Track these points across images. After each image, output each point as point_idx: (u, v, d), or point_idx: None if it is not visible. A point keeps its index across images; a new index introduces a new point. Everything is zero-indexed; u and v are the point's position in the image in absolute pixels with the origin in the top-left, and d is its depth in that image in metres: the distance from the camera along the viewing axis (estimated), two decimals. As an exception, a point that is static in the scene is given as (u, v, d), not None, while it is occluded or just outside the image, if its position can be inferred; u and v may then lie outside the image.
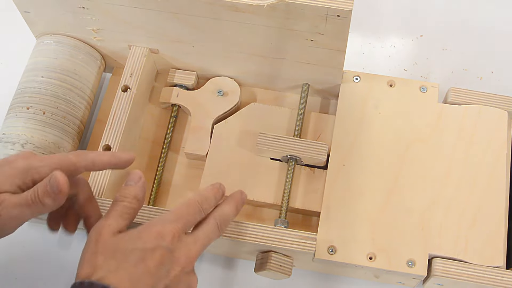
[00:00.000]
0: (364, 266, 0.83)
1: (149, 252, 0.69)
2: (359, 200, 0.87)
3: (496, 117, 0.91)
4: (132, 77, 0.91)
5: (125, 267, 0.67)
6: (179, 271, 0.70)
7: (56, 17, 0.91)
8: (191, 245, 0.72)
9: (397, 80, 0.94)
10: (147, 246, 0.69)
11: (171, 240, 0.70)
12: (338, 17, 0.79)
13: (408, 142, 0.90)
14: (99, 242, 0.70)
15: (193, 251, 0.72)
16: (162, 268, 0.69)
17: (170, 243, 0.70)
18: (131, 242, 0.70)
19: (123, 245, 0.69)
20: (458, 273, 0.82)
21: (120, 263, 0.68)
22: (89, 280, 0.66)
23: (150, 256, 0.68)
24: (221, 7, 0.82)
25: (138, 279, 0.67)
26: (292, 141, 0.89)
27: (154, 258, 0.68)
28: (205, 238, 0.74)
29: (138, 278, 0.67)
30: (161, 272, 0.69)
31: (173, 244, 0.70)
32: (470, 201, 0.86)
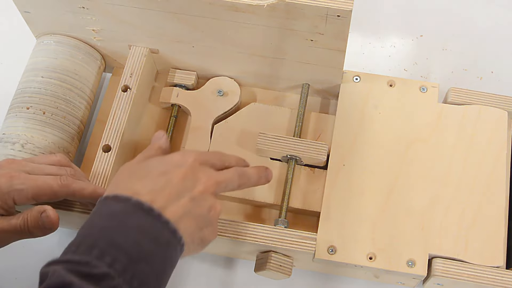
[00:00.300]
0: (364, 266, 0.83)
1: (172, 168, 0.72)
2: (359, 200, 0.87)
3: (496, 117, 0.91)
4: (132, 77, 0.91)
5: (148, 179, 0.71)
6: (202, 189, 0.72)
7: (56, 17, 0.91)
8: (212, 173, 0.74)
9: (397, 80, 0.94)
10: (171, 164, 0.73)
11: (193, 162, 0.73)
12: (338, 17, 0.79)
13: (408, 142, 0.90)
14: (123, 169, 0.74)
15: (215, 177, 0.74)
16: (186, 182, 0.71)
17: (193, 164, 0.73)
18: (154, 163, 0.73)
19: (146, 167, 0.73)
20: (458, 273, 0.82)
21: (143, 177, 0.71)
22: (112, 193, 0.69)
23: (173, 171, 0.72)
24: (221, 7, 0.82)
25: (161, 189, 0.69)
26: (292, 141, 0.89)
27: (177, 173, 0.71)
28: (225, 178, 0.75)
29: (161, 188, 0.70)
30: (185, 185, 0.71)
31: (195, 166, 0.73)
32: (470, 201, 0.86)
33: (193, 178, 0.72)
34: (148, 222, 0.67)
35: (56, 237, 0.95)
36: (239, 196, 0.89)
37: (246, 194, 0.90)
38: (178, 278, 0.92)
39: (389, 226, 0.85)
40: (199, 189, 0.71)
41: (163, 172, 0.71)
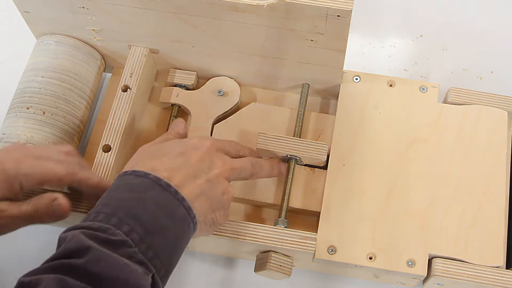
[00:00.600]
0: (364, 266, 0.83)
1: (190, 150, 0.76)
2: (359, 200, 0.87)
3: (496, 117, 0.91)
4: (132, 77, 0.91)
5: (166, 158, 0.74)
6: (218, 172, 0.76)
7: (56, 17, 0.91)
8: (227, 159, 0.79)
9: (397, 80, 0.94)
10: (188, 146, 0.76)
11: (210, 146, 0.78)
12: (338, 17, 0.79)
13: (408, 142, 0.90)
14: (141, 150, 0.78)
15: (230, 163, 0.78)
16: (202, 164, 0.75)
17: (210, 148, 0.77)
18: (172, 144, 0.77)
19: (164, 147, 0.77)
20: (458, 273, 0.82)
21: (162, 156, 0.74)
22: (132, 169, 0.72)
23: (191, 152, 0.76)
24: (221, 7, 0.82)
25: (178, 168, 0.73)
26: (292, 141, 0.89)
27: (194, 155, 0.75)
28: (239, 165, 0.80)
29: (178, 167, 0.73)
30: (202, 167, 0.74)
31: (212, 151, 0.77)
32: (470, 201, 0.86)
33: (209, 161, 0.76)
34: (165, 197, 0.70)
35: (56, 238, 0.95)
36: (239, 196, 0.90)
37: (246, 194, 0.90)
38: (178, 278, 0.92)
39: (389, 226, 0.85)
40: (215, 172, 0.75)
41: (181, 152, 0.75)
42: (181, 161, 0.74)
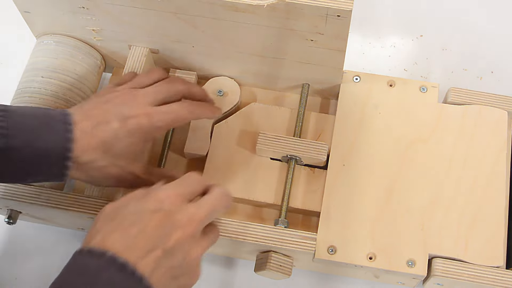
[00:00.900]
0: (364, 266, 0.83)
1: (146, 214, 0.68)
2: (359, 200, 0.87)
3: (496, 117, 0.91)
4: (132, 77, 0.91)
5: (120, 229, 0.67)
6: (181, 234, 0.69)
7: (56, 17, 0.91)
8: (193, 209, 0.71)
9: (397, 80, 0.94)
10: (146, 209, 0.69)
11: (170, 203, 0.70)
12: (338, 17, 0.79)
13: (408, 142, 0.90)
14: (102, 213, 0.70)
15: (197, 215, 0.70)
16: (160, 231, 0.68)
17: (170, 206, 0.70)
18: (130, 207, 0.69)
19: (122, 211, 0.69)
20: (458, 273, 0.82)
21: (116, 226, 0.67)
22: (87, 246, 0.66)
23: (148, 218, 0.68)
24: (221, 7, 0.82)
25: (133, 242, 0.66)
26: (292, 141, 0.89)
27: (152, 220, 0.68)
28: (210, 204, 0.72)
29: (133, 241, 0.66)
30: (160, 234, 0.68)
31: (174, 207, 0.70)
32: (470, 201, 0.86)
33: (170, 224, 0.69)
34: (121, 278, 0.64)
35: (56, 237, 0.95)
36: (239, 196, 0.89)
37: (246, 194, 0.90)
38: (178, 278, 0.92)
39: (389, 226, 0.85)
40: (175, 237, 0.68)
41: (136, 220, 0.68)
42: (138, 231, 0.67)
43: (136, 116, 0.78)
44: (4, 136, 0.70)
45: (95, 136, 0.75)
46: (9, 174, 0.72)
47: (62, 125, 0.73)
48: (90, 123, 0.75)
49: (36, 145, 0.71)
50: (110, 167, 0.78)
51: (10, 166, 0.71)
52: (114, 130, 0.76)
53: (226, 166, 0.91)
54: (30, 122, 0.72)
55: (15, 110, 0.72)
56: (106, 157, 0.76)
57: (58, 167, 0.73)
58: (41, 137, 0.71)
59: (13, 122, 0.71)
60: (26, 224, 0.95)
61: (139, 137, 0.78)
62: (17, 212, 0.88)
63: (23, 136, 0.71)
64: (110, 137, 0.76)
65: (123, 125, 0.77)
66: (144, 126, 0.78)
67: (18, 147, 0.70)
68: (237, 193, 0.89)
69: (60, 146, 0.72)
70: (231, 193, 0.76)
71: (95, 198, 0.84)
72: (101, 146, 0.75)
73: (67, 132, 0.73)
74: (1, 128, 0.70)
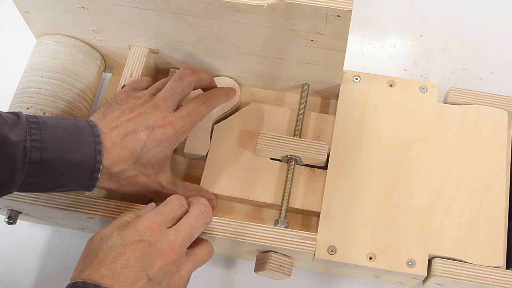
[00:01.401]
0: (364, 266, 0.83)
1: (129, 246, 0.71)
2: (359, 200, 0.87)
3: (496, 117, 0.91)
4: (132, 77, 0.91)
5: (106, 263, 0.70)
6: (163, 261, 0.72)
7: (56, 17, 0.91)
8: (173, 235, 0.73)
9: (397, 80, 0.94)
10: (127, 241, 0.71)
11: (150, 233, 0.72)
12: (338, 17, 0.79)
13: (408, 142, 0.90)
14: (89, 246, 0.73)
15: (176, 241, 0.73)
16: (143, 261, 0.70)
17: (150, 236, 0.72)
18: (113, 240, 0.72)
19: (106, 245, 0.71)
20: (458, 273, 0.82)
21: (101, 260, 0.70)
22: (74, 280, 0.69)
23: (130, 250, 0.71)
24: (221, 7, 0.82)
25: (118, 274, 0.69)
26: (292, 141, 0.89)
27: (134, 251, 0.71)
28: (189, 226, 0.75)
29: (118, 273, 0.69)
30: (143, 264, 0.70)
31: (154, 236, 0.72)
32: (470, 201, 0.86)
33: (152, 253, 0.71)
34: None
35: (56, 237, 0.95)
36: (239, 196, 0.89)
37: (246, 194, 0.90)
38: (178, 278, 0.92)
39: (389, 226, 0.85)
40: (158, 265, 0.71)
41: (120, 253, 0.70)
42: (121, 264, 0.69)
43: (161, 125, 0.81)
44: (38, 149, 0.72)
45: (125, 147, 0.78)
46: (40, 185, 0.74)
47: (91, 137, 0.76)
48: (118, 134, 0.78)
49: (68, 158, 0.73)
50: (139, 176, 0.81)
51: (43, 178, 0.73)
52: (142, 140, 0.79)
53: (226, 166, 0.91)
54: (61, 135, 0.74)
55: (47, 122, 0.74)
56: (135, 166, 0.80)
57: (88, 178, 0.76)
58: (73, 149, 0.74)
59: (46, 135, 0.73)
60: (26, 224, 0.95)
61: (165, 145, 0.82)
62: (17, 212, 0.88)
63: (56, 149, 0.73)
64: (139, 147, 0.79)
65: (150, 135, 0.80)
66: (170, 135, 0.81)
67: (51, 159, 0.72)
68: (237, 193, 0.89)
69: (91, 158, 0.75)
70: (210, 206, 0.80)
71: (95, 198, 0.84)
72: (131, 156, 0.78)
73: (97, 145, 0.75)
74: (36, 142, 0.72)
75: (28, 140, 0.71)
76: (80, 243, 0.93)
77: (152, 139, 0.80)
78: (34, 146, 0.71)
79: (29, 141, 0.71)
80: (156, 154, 0.81)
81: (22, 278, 0.92)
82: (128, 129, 0.79)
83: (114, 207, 0.83)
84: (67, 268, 0.92)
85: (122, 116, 0.80)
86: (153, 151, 0.80)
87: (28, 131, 0.72)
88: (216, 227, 0.82)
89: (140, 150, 0.79)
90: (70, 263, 0.92)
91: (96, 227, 0.88)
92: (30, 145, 0.71)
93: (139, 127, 0.79)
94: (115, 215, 0.82)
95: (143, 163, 0.80)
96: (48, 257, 0.94)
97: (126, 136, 0.78)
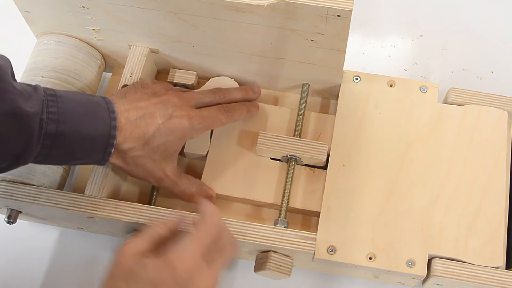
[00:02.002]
0: (364, 266, 0.83)
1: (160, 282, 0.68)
2: (359, 200, 0.87)
3: (496, 117, 0.91)
4: (132, 77, 0.91)
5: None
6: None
7: (56, 16, 0.91)
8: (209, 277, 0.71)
9: (397, 80, 0.94)
10: (159, 277, 0.68)
11: (188, 272, 0.69)
12: (338, 17, 0.79)
13: (408, 142, 0.90)
14: (119, 264, 0.70)
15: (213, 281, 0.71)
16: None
17: (187, 275, 0.69)
18: (146, 269, 0.69)
19: (138, 271, 0.69)
20: (457, 273, 0.82)
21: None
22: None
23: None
24: (221, 7, 0.82)
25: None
26: (292, 141, 0.89)
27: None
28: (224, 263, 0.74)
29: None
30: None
31: (191, 276, 0.69)
32: (470, 201, 0.86)
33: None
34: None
35: (55, 237, 0.95)
36: (239, 196, 0.90)
37: (246, 194, 0.90)
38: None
39: (389, 226, 0.85)
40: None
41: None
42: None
43: (180, 116, 0.82)
44: (54, 122, 0.73)
45: (138, 126, 0.79)
46: (55, 157, 0.75)
47: (107, 112, 0.77)
48: (136, 113, 0.80)
49: (84, 131, 0.75)
50: (145, 158, 0.82)
51: (57, 150, 0.74)
52: (157, 124, 0.81)
53: (226, 166, 0.91)
54: (78, 108, 0.76)
55: (64, 95, 0.76)
56: (144, 148, 0.81)
57: (102, 152, 0.78)
58: (89, 123, 0.75)
59: (63, 108, 0.74)
60: (26, 223, 0.95)
61: (177, 136, 0.83)
62: (17, 212, 0.88)
63: (72, 122, 0.74)
64: (153, 130, 0.80)
65: (167, 122, 0.81)
66: (184, 127, 0.83)
67: (67, 132, 0.74)
68: (237, 193, 0.90)
69: (106, 132, 0.77)
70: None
71: (95, 198, 0.84)
72: (143, 137, 0.80)
73: (112, 120, 0.77)
74: (53, 114, 0.73)
75: (45, 112, 0.73)
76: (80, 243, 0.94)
77: (166, 126, 0.81)
78: (51, 118, 0.73)
79: (46, 113, 0.73)
80: (167, 141, 0.82)
81: (22, 278, 0.92)
82: (146, 111, 0.80)
83: (114, 207, 0.83)
84: (67, 267, 0.93)
85: (143, 98, 0.82)
86: (164, 138, 0.81)
87: (45, 103, 0.73)
88: (216, 227, 0.82)
89: (152, 133, 0.80)
90: (70, 263, 0.93)
91: (96, 226, 0.89)
92: (46, 117, 0.72)
93: (157, 111, 0.81)
94: (115, 215, 0.82)
95: (153, 147, 0.81)
96: (48, 256, 0.94)
97: (142, 117, 0.80)
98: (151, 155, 0.82)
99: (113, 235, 0.93)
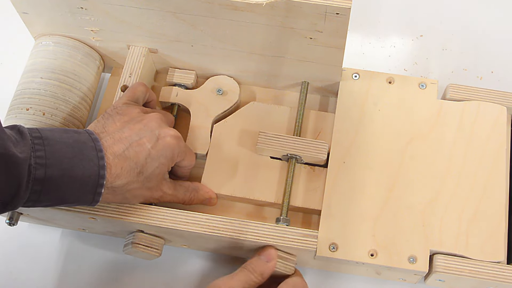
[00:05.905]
0: (366, 263, 0.83)
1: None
2: (359, 197, 0.87)
3: (496, 113, 0.91)
4: (131, 77, 0.91)
5: None
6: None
7: (55, 17, 0.91)
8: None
9: (396, 77, 0.94)
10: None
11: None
12: (337, 14, 0.79)
13: (408, 138, 0.90)
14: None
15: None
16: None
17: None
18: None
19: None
20: (459, 269, 0.82)
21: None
22: None
23: None
24: (220, 6, 0.82)
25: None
26: (292, 140, 0.89)
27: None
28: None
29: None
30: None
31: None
32: (471, 197, 0.86)
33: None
34: None
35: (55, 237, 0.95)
36: (240, 195, 0.89)
37: (247, 193, 0.90)
38: (177, 277, 0.91)
39: (390, 222, 0.85)
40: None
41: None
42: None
43: (165, 136, 0.81)
44: (43, 166, 0.71)
45: (128, 158, 0.77)
46: (44, 201, 0.73)
47: (94, 151, 0.75)
48: (122, 146, 0.78)
49: (72, 174, 0.73)
50: (142, 188, 0.81)
51: (47, 194, 0.72)
52: (147, 150, 0.79)
53: (226, 166, 0.91)
54: (65, 150, 0.73)
55: (50, 137, 0.73)
56: (139, 178, 0.79)
57: (92, 193, 0.75)
58: (77, 165, 0.73)
59: (50, 151, 0.72)
60: (26, 225, 0.95)
61: (168, 157, 0.82)
62: (18, 213, 0.88)
63: (60, 166, 0.72)
64: (144, 157, 0.79)
65: (155, 145, 0.80)
66: (173, 145, 0.82)
67: (55, 176, 0.72)
68: (238, 193, 0.89)
69: (95, 173, 0.74)
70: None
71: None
72: (134, 167, 0.78)
73: (100, 159, 0.75)
74: (40, 158, 0.71)
75: (33, 157, 0.70)
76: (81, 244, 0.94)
77: (156, 149, 0.80)
78: (39, 163, 0.71)
79: (33, 157, 0.70)
80: (160, 165, 0.81)
81: (23, 279, 0.92)
82: (132, 140, 0.79)
83: (116, 207, 0.83)
84: (68, 269, 0.93)
85: (124, 126, 0.80)
86: (157, 162, 0.80)
87: (32, 147, 0.71)
88: (217, 226, 0.82)
89: (144, 160, 0.79)
90: (71, 264, 0.93)
91: (98, 227, 0.88)
92: (34, 162, 0.70)
93: (144, 137, 0.79)
94: (116, 216, 0.82)
95: (147, 176, 0.80)
96: (49, 258, 0.94)
97: (130, 147, 0.78)
98: (147, 184, 0.81)
99: (114, 235, 0.92)
